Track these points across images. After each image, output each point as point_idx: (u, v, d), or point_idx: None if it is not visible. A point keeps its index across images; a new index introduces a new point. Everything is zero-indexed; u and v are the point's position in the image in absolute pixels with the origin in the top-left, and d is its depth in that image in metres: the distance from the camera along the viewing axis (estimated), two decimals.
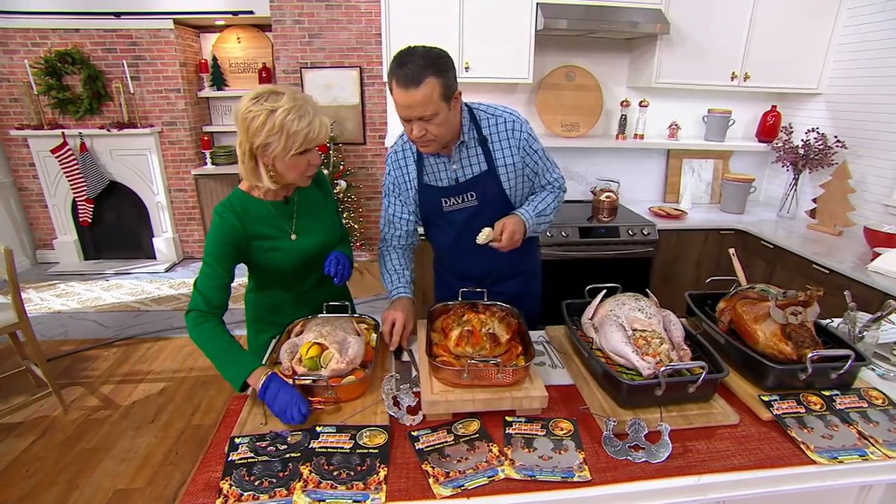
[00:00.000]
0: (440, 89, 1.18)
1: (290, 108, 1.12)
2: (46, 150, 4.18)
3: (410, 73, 1.15)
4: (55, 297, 3.93)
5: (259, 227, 1.26)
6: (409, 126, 1.25)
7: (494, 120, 1.39)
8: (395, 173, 1.47)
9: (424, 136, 1.24)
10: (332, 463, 0.92)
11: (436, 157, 1.40)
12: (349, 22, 4.11)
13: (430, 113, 1.20)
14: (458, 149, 1.38)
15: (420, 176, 1.44)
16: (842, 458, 0.95)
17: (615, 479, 0.91)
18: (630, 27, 2.55)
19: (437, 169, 1.42)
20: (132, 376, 2.86)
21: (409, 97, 1.17)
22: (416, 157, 1.43)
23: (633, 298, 1.25)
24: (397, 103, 1.21)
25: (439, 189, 1.43)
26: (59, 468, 2.14)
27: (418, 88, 1.15)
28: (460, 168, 1.40)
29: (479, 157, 1.40)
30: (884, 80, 2.53)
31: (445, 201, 1.43)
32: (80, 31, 4.07)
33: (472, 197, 1.41)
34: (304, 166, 1.21)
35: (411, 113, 1.20)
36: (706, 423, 1.05)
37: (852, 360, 1.08)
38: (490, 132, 1.39)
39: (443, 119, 1.23)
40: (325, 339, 1.15)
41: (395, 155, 1.47)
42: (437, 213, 1.46)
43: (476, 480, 0.89)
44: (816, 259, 2.27)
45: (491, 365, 1.04)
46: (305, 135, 1.14)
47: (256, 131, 1.14)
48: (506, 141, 1.39)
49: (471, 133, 1.38)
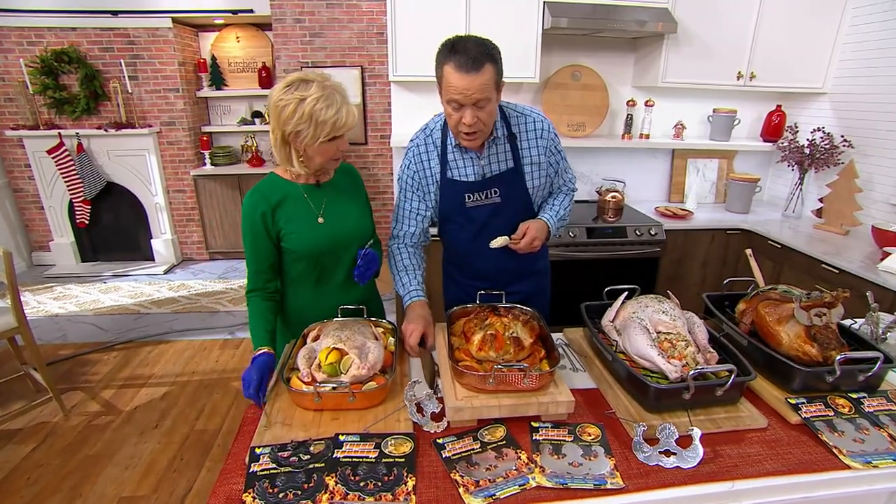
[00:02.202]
0: (495, 77, 1.21)
1: (318, 97, 1.16)
2: (42, 150, 4.11)
3: (472, 58, 1.16)
4: (52, 301, 3.87)
5: (286, 205, 1.30)
6: (459, 114, 1.23)
7: (524, 119, 1.40)
8: (415, 167, 1.44)
9: (475, 123, 1.24)
10: (358, 473, 0.89)
11: (462, 151, 1.39)
12: (350, 21, 4.08)
13: (486, 99, 1.20)
14: (489, 144, 1.38)
15: (444, 171, 1.41)
16: (876, 463, 0.93)
17: (648, 486, 0.89)
18: (637, 26, 2.54)
19: (464, 164, 1.40)
20: (134, 381, 2.82)
21: (470, 81, 1.17)
22: (440, 151, 1.41)
23: (655, 300, 1.24)
24: (453, 88, 1.19)
25: (465, 184, 1.41)
26: (62, 476, 2.10)
27: (479, 73, 1.16)
28: (488, 164, 1.40)
29: (507, 153, 1.40)
30: (890, 80, 2.53)
31: (469, 197, 1.41)
32: (76, 30, 4.01)
33: (496, 193, 1.41)
34: (333, 152, 1.26)
35: (469, 98, 1.19)
36: (734, 427, 1.03)
37: (881, 362, 1.07)
38: (519, 130, 1.40)
39: (493, 108, 1.26)
40: (343, 344, 1.12)
41: (418, 148, 1.44)
42: (458, 209, 1.44)
43: (507, 489, 0.87)
44: (825, 259, 2.27)
45: (516, 370, 1.02)
46: (333, 123, 1.18)
47: (287, 119, 1.17)
48: (534, 140, 1.40)
49: (502, 130, 1.38)
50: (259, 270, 1.32)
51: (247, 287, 1.35)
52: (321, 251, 1.34)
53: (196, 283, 4.24)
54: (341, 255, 1.38)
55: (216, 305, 3.81)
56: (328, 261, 1.37)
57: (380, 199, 4.65)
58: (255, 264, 1.32)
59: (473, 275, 1.57)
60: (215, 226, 4.67)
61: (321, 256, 1.35)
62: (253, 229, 1.28)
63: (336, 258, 1.38)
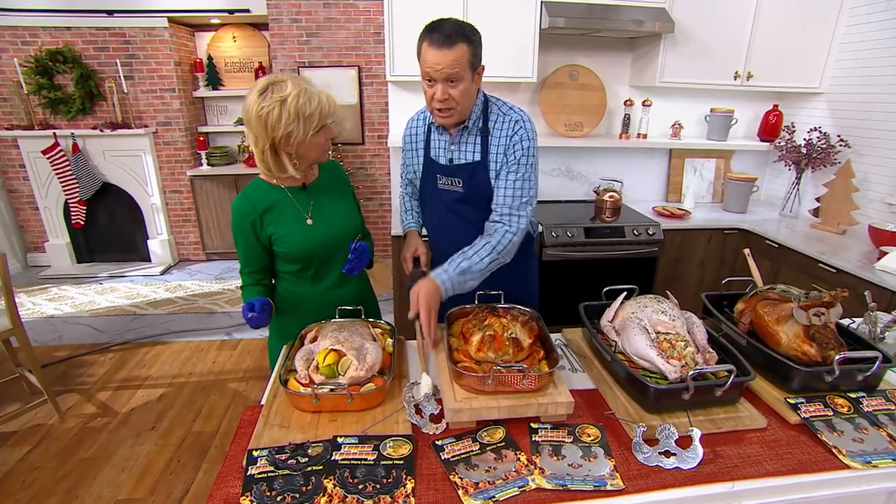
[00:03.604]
0: (468, 56, 1.25)
1: (297, 92, 1.17)
2: (37, 150, 4.09)
3: (444, 35, 1.22)
4: (48, 302, 3.85)
5: (273, 210, 1.31)
6: (432, 90, 1.30)
7: (503, 117, 1.41)
8: (405, 140, 1.58)
9: (447, 100, 1.29)
10: (357, 476, 0.88)
11: (439, 133, 1.47)
12: (347, 21, 4.07)
13: (458, 75, 1.25)
14: (459, 132, 1.43)
15: (427, 148, 1.52)
16: (875, 463, 0.93)
17: (648, 487, 0.89)
18: (635, 26, 2.54)
19: (440, 146, 1.49)
20: (130, 382, 2.80)
21: (441, 56, 1.23)
22: (426, 129, 1.52)
23: (654, 300, 1.23)
24: (426, 63, 1.26)
25: (437, 165, 1.50)
26: (58, 478, 2.08)
27: (450, 49, 1.22)
28: (457, 151, 1.46)
29: (476, 146, 1.43)
30: (886, 80, 2.54)
31: (439, 178, 1.50)
32: (71, 30, 3.98)
33: (458, 183, 1.46)
34: (324, 142, 1.27)
35: (440, 73, 1.25)
36: (734, 427, 1.03)
37: (880, 361, 1.07)
38: (493, 126, 1.41)
39: (466, 88, 1.29)
40: (341, 345, 1.11)
41: (411, 123, 1.57)
42: (432, 186, 1.53)
43: (507, 491, 0.86)
44: (822, 258, 2.27)
45: (515, 371, 1.02)
46: (319, 112, 1.20)
47: (276, 124, 1.17)
48: (504, 138, 1.40)
49: (477, 122, 1.41)
50: (252, 272, 1.36)
51: (242, 284, 1.39)
52: (312, 252, 1.34)
53: (193, 284, 4.22)
54: (334, 253, 1.39)
55: (213, 306, 3.79)
56: (321, 260, 1.37)
57: (377, 198, 4.64)
58: (248, 266, 1.35)
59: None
60: (212, 226, 4.66)
61: (313, 257, 1.35)
62: (243, 235, 1.30)
63: (328, 257, 1.38)
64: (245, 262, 1.34)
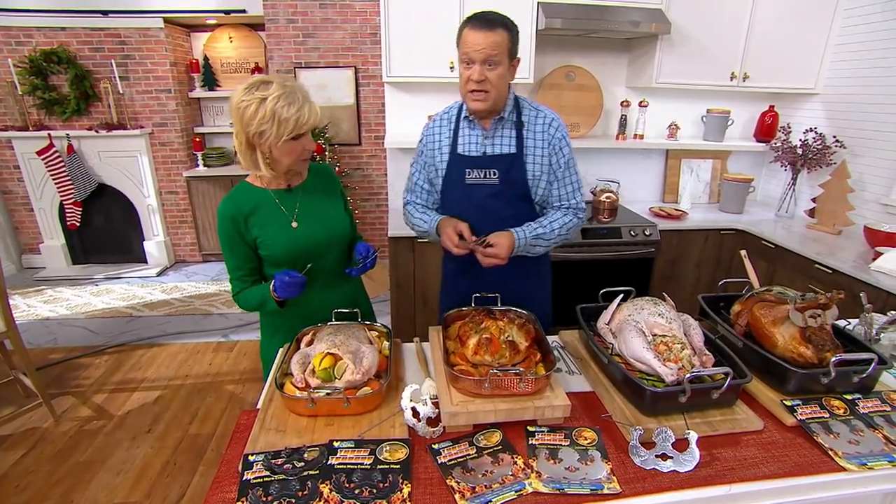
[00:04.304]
0: (507, 43, 1.30)
1: (279, 95, 1.17)
2: (32, 151, 4.06)
3: (486, 19, 1.29)
4: (43, 304, 3.82)
5: (258, 212, 1.31)
6: (469, 71, 1.32)
7: (535, 112, 1.46)
8: (427, 139, 1.55)
9: (483, 82, 1.31)
10: (353, 480, 0.88)
11: (471, 127, 1.47)
12: (344, 21, 4.06)
13: (496, 58, 1.29)
14: (495, 123, 1.44)
15: (454, 145, 1.50)
16: (871, 465, 0.93)
17: (645, 491, 0.89)
18: (631, 27, 2.54)
19: (470, 140, 1.48)
20: (126, 385, 2.79)
21: (481, 37, 1.27)
22: (453, 126, 1.50)
23: (651, 303, 1.23)
24: (466, 44, 1.30)
25: (468, 158, 1.47)
26: (52, 482, 2.07)
27: (491, 31, 1.27)
28: (491, 143, 1.46)
29: (511, 138, 1.45)
30: (880, 80, 2.55)
31: (469, 172, 1.47)
32: (66, 30, 3.96)
33: (494, 175, 1.45)
34: (299, 151, 1.26)
35: (479, 53, 1.28)
36: (731, 430, 1.03)
37: (875, 363, 1.07)
38: (527, 120, 1.45)
39: (502, 73, 1.32)
40: (338, 348, 1.11)
41: (433, 123, 1.55)
42: (459, 185, 1.49)
43: (504, 495, 0.86)
44: (818, 259, 2.28)
45: (512, 374, 1.01)
46: (296, 120, 1.19)
47: (249, 120, 1.18)
48: (540, 133, 1.44)
49: (511, 115, 1.44)
50: (242, 276, 1.35)
51: (233, 290, 1.37)
52: (297, 255, 1.33)
53: (189, 286, 4.21)
54: (323, 256, 1.38)
55: (210, 308, 3.78)
56: (308, 263, 1.35)
57: (374, 199, 4.63)
58: (238, 270, 1.34)
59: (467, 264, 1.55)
60: (208, 227, 4.64)
61: (298, 260, 1.34)
62: (229, 237, 1.30)
63: (317, 260, 1.36)
64: (235, 265, 1.33)
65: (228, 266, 1.35)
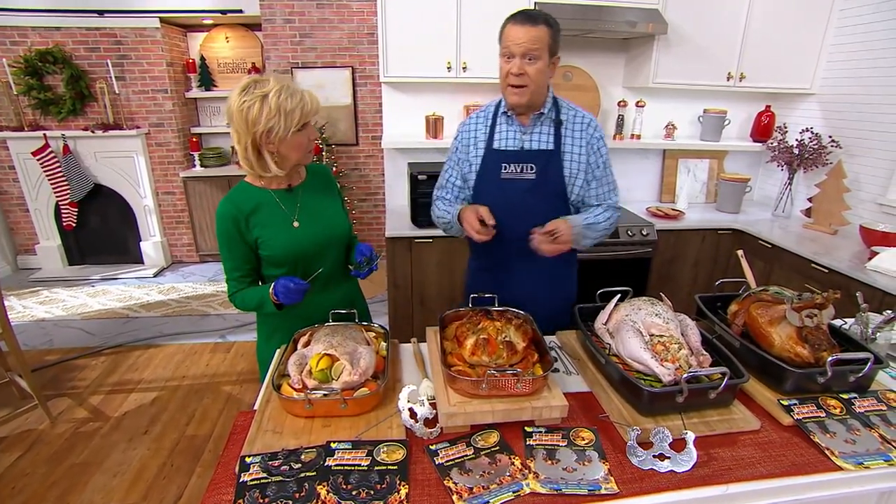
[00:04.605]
0: (548, 39, 1.33)
1: (279, 89, 1.18)
2: (27, 152, 4.04)
3: (529, 15, 1.32)
4: (38, 305, 3.80)
5: (259, 212, 1.30)
6: (508, 65, 1.35)
7: (574, 112, 1.49)
8: (461, 135, 1.57)
9: (522, 76, 1.33)
10: (350, 482, 0.88)
11: (509, 123, 1.49)
12: (341, 21, 4.05)
13: (537, 52, 1.31)
14: (534, 119, 1.46)
15: (490, 140, 1.51)
16: (867, 464, 0.94)
17: (642, 491, 0.89)
18: (628, 27, 2.55)
19: (508, 135, 1.49)
20: (122, 386, 2.78)
21: (523, 31, 1.30)
22: (490, 123, 1.52)
23: (648, 303, 1.23)
24: (507, 38, 1.33)
25: (504, 153, 1.49)
26: (48, 484, 2.06)
27: (533, 26, 1.30)
28: (529, 139, 1.48)
29: (549, 135, 1.47)
30: (875, 81, 2.56)
31: (505, 167, 1.48)
32: (61, 30, 3.94)
33: (531, 169, 1.47)
34: (306, 142, 1.27)
35: (520, 47, 1.31)
36: (728, 430, 1.03)
37: (871, 363, 1.07)
38: (566, 118, 1.48)
39: (541, 68, 1.34)
40: (335, 349, 1.10)
41: (469, 119, 1.57)
42: (493, 180, 1.50)
43: (501, 496, 0.86)
44: (815, 258, 2.29)
45: (510, 375, 1.01)
46: (301, 109, 1.20)
47: (256, 119, 1.17)
48: (578, 133, 1.47)
49: (551, 112, 1.46)
50: (242, 276, 1.34)
51: (229, 290, 1.36)
52: (298, 255, 1.33)
53: (186, 286, 4.19)
54: (323, 256, 1.38)
55: (207, 308, 3.77)
56: (307, 263, 1.36)
57: (371, 199, 4.63)
58: (236, 271, 1.33)
59: (494, 263, 1.58)
60: (205, 228, 4.62)
61: (299, 260, 1.34)
62: (229, 237, 1.29)
63: (315, 260, 1.36)
64: (234, 266, 1.32)
65: (226, 266, 1.34)
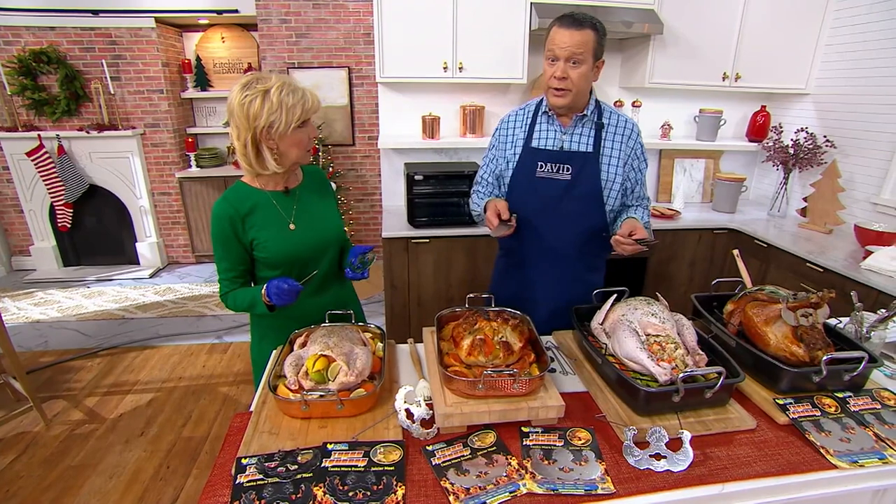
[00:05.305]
0: (593, 43, 1.33)
1: (280, 85, 1.18)
2: (21, 152, 4.02)
3: (575, 19, 1.32)
4: (33, 306, 3.78)
5: (255, 213, 1.29)
6: (552, 68, 1.36)
7: (616, 118, 1.49)
8: (500, 132, 1.59)
9: (565, 80, 1.34)
10: (347, 483, 0.87)
11: (549, 122, 1.49)
12: (337, 21, 4.05)
13: (581, 56, 1.32)
14: (576, 120, 1.47)
15: (528, 139, 1.51)
16: (862, 462, 0.94)
17: (639, 491, 0.89)
18: (624, 27, 2.55)
19: (547, 134, 1.50)
20: (118, 387, 2.76)
21: (568, 35, 1.31)
22: (530, 121, 1.53)
23: (644, 303, 1.24)
24: (553, 42, 1.34)
25: (542, 152, 1.49)
26: (43, 487, 2.04)
27: (579, 30, 1.30)
28: (569, 139, 1.48)
29: (590, 138, 1.47)
30: (870, 81, 2.58)
31: (541, 166, 1.49)
32: (55, 30, 3.92)
33: (566, 170, 1.47)
34: (306, 140, 1.26)
35: (564, 51, 1.32)
36: (724, 429, 1.03)
37: (866, 361, 1.08)
38: (608, 123, 1.48)
39: (584, 72, 1.35)
40: (331, 350, 1.10)
41: (508, 116, 1.59)
42: (528, 178, 1.51)
43: (498, 496, 0.86)
44: (810, 258, 2.30)
45: (506, 375, 1.01)
46: (302, 105, 1.20)
47: (257, 114, 1.17)
48: (619, 137, 1.47)
49: (593, 115, 1.46)
50: (235, 276, 1.33)
51: (221, 290, 1.35)
52: (294, 257, 1.33)
53: (182, 287, 4.18)
54: (319, 258, 1.38)
55: (203, 309, 3.76)
56: (302, 265, 1.35)
57: (368, 200, 4.62)
58: (230, 272, 1.32)
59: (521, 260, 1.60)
60: (201, 228, 4.61)
61: (295, 262, 1.33)
62: (224, 238, 1.28)
63: (310, 262, 1.36)
64: (228, 266, 1.31)
65: (219, 267, 1.32)
